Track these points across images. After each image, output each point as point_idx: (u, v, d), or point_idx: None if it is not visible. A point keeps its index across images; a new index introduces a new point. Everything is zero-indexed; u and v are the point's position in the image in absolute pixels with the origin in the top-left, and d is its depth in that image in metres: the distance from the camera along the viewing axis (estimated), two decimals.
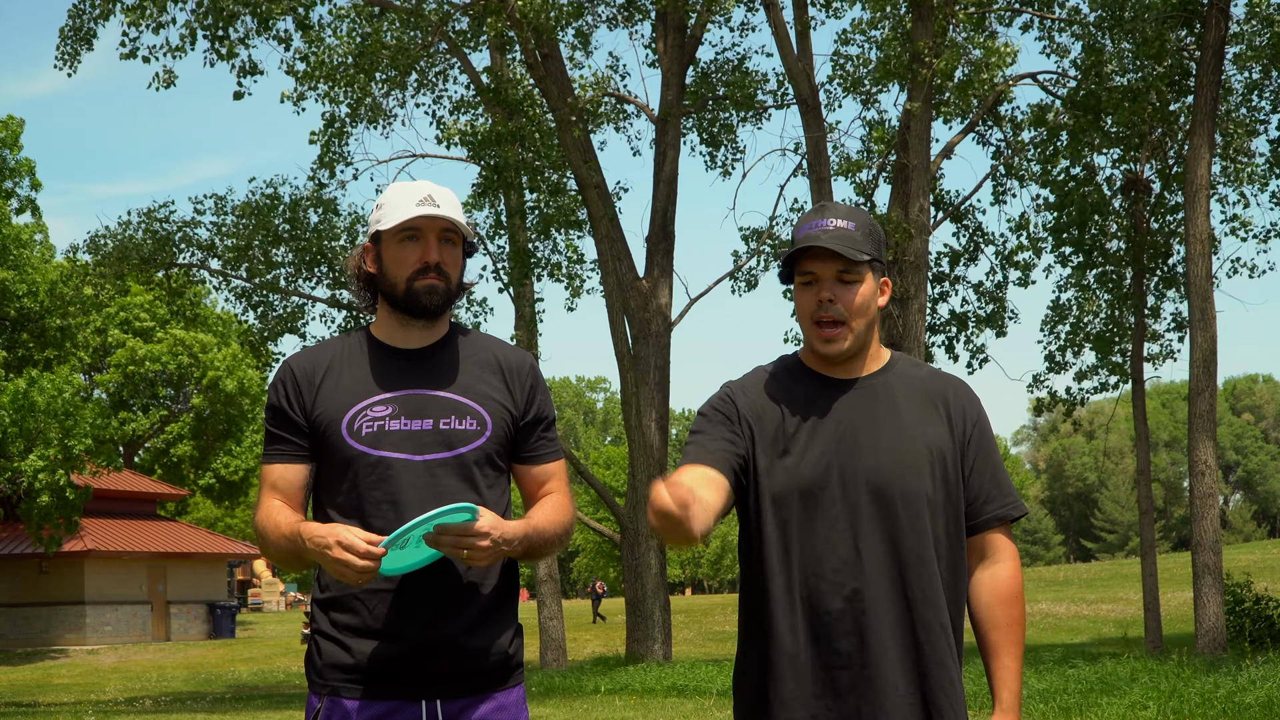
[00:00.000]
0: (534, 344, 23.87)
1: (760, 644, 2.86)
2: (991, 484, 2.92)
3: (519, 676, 3.13)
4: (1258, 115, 23.23)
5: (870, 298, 2.91)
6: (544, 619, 24.45)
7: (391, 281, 3.09)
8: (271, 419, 3.12)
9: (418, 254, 3.07)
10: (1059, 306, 24.90)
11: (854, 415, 2.88)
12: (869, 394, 2.91)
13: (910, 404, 2.91)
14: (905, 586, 2.81)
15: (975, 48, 19.68)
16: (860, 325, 2.89)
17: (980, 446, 2.93)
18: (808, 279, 2.90)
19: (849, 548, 2.81)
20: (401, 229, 3.07)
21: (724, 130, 24.91)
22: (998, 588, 2.91)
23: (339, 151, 23.67)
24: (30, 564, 38.04)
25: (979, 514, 2.91)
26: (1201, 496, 18.61)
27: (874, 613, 2.79)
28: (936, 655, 2.81)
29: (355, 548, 2.80)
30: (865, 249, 2.87)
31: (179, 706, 20.74)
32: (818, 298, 2.88)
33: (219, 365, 43.48)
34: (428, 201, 3.06)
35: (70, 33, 21.96)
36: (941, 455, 2.87)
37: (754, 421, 2.89)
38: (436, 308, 3.08)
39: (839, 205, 2.95)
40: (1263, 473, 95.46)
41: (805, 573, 2.82)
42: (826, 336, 2.87)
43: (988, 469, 2.92)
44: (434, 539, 2.84)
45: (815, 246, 2.85)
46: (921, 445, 2.86)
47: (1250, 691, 12.39)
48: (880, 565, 2.80)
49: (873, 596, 2.80)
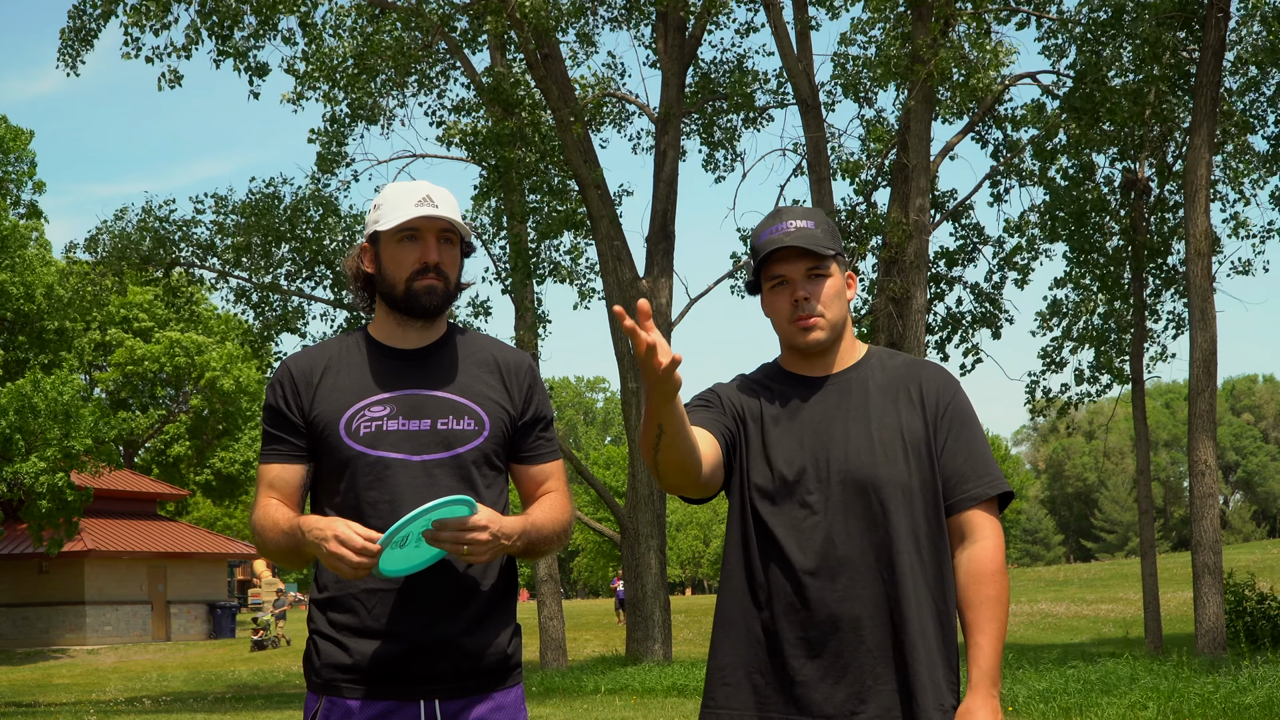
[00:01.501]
0: (535, 345, 23.86)
1: (736, 633, 2.90)
2: (967, 464, 2.90)
3: (518, 676, 3.13)
4: (1257, 115, 23.23)
5: (839, 290, 2.97)
6: (544, 619, 24.44)
7: (390, 282, 3.10)
8: (269, 419, 3.13)
9: (416, 254, 3.07)
10: (1055, 304, 24.91)
11: (827, 409, 2.92)
12: (842, 388, 2.95)
13: (883, 393, 2.93)
14: (883, 574, 2.83)
15: (973, 48, 19.68)
16: (835, 316, 2.95)
17: (955, 426, 2.92)
18: (777, 282, 2.95)
19: (826, 538, 2.84)
20: (401, 229, 3.07)
21: (724, 131, 24.92)
22: (973, 567, 2.90)
23: (338, 151, 23.69)
24: (30, 564, 38.04)
25: (955, 494, 2.89)
26: (1201, 496, 18.61)
27: (852, 602, 2.82)
28: (916, 640, 2.81)
29: (351, 542, 2.81)
30: (828, 244, 2.93)
31: (179, 706, 20.75)
32: (793, 298, 2.93)
33: (215, 365, 43.50)
34: (426, 202, 3.07)
35: (71, 33, 21.98)
36: (915, 440, 2.89)
37: (737, 415, 2.96)
38: (435, 308, 3.09)
39: (794, 208, 3.02)
40: (1262, 473, 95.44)
41: (785, 565, 2.85)
42: (804, 326, 2.92)
43: (963, 449, 2.91)
44: (433, 535, 2.84)
45: (783, 248, 2.90)
46: (894, 432, 2.88)
47: (1250, 691, 12.39)
48: (858, 554, 2.83)
49: (850, 585, 2.82)
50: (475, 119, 23.60)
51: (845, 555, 2.83)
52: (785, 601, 2.85)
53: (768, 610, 2.87)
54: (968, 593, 2.89)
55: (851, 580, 2.82)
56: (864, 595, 2.82)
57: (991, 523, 2.93)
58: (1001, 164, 24.61)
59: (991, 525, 2.93)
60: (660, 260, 22.35)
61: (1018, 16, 23.74)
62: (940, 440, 2.90)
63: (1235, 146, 23.13)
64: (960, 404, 2.95)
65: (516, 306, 24.17)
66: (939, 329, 24.74)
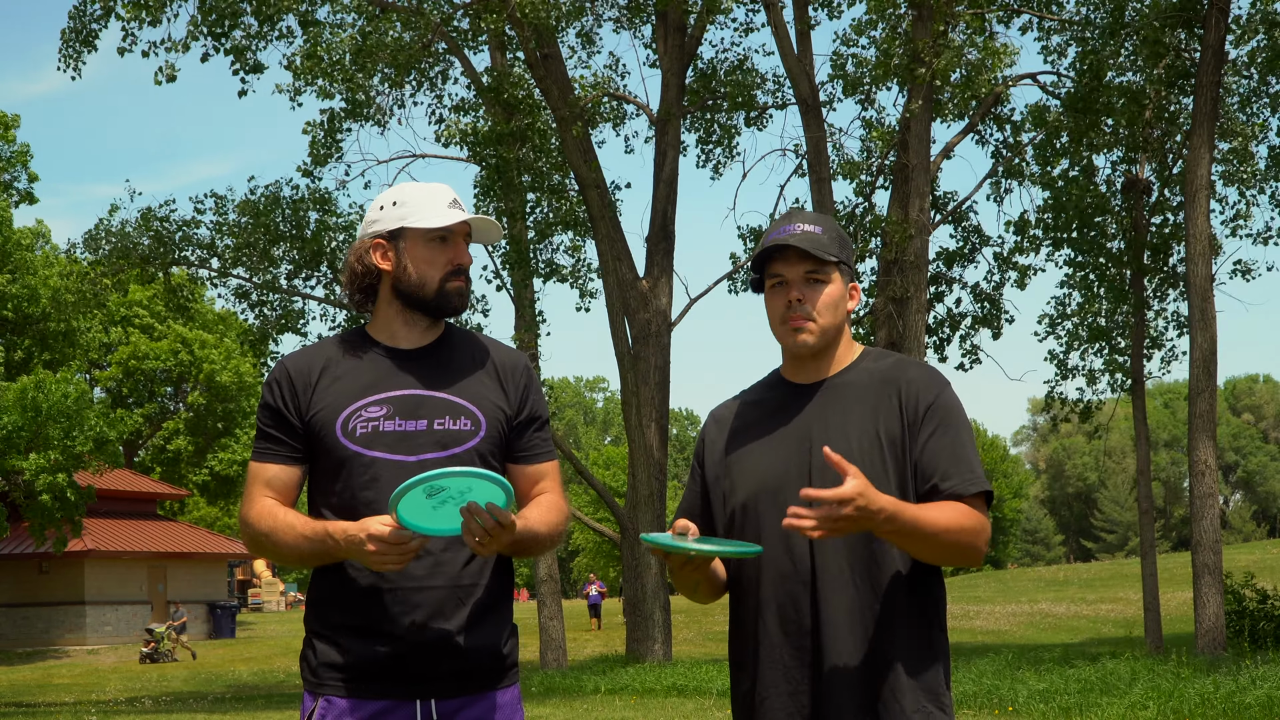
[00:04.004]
0: (535, 345, 23.86)
1: (742, 641, 2.96)
2: (949, 462, 2.84)
3: (514, 676, 3.13)
4: (1260, 123, 23.22)
5: (839, 299, 2.95)
6: (544, 619, 24.44)
7: (418, 281, 3.10)
8: (265, 418, 3.12)
9: (449, 255, 3.11)
10: (1060, 305, 24.91)
11: (812, 415, 2.93)
12: (829, 393, 2.95)
13: (866, 395, 2.92)
14: (859, 578, 2.84)
15: (973, 48, 19.69)
16: (827, 323, 2.93)
17: (935, 424, 2.87)
18: (776, 281, 2.96)
19: (806, 543, 2.85)
20: (439, 231, 3.10)
21: (724, 131, 24.91)
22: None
23: (332, 146, 23.67)
24: (30, 564, 38.05)
25: (936, 493, 2.84)
26: (1201, 496, 18.61)
27: (829, 608, 2.83)
28: (890, 649, 2.81)
29: (387, 537, 2.82)
30: (832, 251, 2.93)
31: (179, 706, 20.75)
32: (787, 298, 2.93)
33: (215, 360, 43.49)
34: (457, 204, 3.12)
35: (71, 34, 21.98)
36: (893, 442, 2.87)
37: (711, 453, 3.06)
38: (462, 309, 3.15)
39: (806, 211, 3.02)
40: (1262, 473, 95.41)
41: (774, 572, 2.88)
42: (795, 326, 2.92)
43: (944, 447, 2.85)
44: (469, 512, 2.80)
45: (783, 247, 2.92)
46: (871, 436, 2.87)
47: (1250, 691, 12.39)
48: (835, 559, 2.84)
49: (830, 589, 2.83)
50: (475, 119, 23.60)
51: (821, 560, 2.84)
52: (775, 611, 2.87)
53: (760, 619, 2.90)
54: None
55: (830, 584, 2.83)
56: (838, 599, 2.82)
57: (976, 517, 2.84)
58: (1002, 164, 24.61)
59: (976, 519, 2.85)
60: (660, 260, 22.35)
61: (1020, 19, 23.75)
62: (920, 439, 2.87)
63: (1236, 147, 23.10)
64: (945, 401, 2.90)
65: (516, 306, 24.17)
66: (936, 330, 24.74)
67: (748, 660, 2.92)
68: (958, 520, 2.79)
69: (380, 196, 3.19)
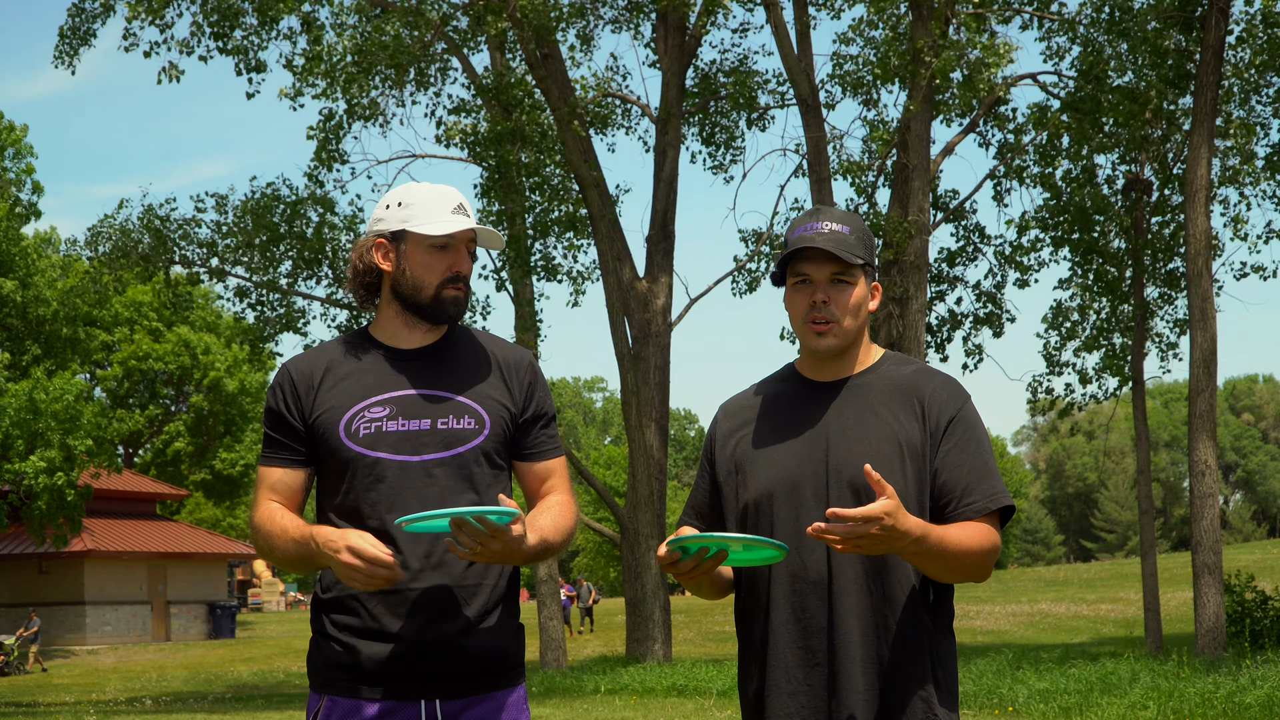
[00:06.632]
0: (535, 345, 23.86)
1: (750, 641, 2.94)
2: (971, 476, 2.85)
3: (520, 676, 3.12)
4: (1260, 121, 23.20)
5: (862, 300, 2.94)
6: (544, 619, 24.44)
7: (417, 285, 3.09)
8: (270, 422, 3.13)
9: (448, 262, 3.09)
10: (1060, 307, 24.89)
11: (831, 415, 2.91)
12: (850, 394, 2.94)
13: (888, 400, 2.91)
14: (872, 582, 2.83)
15: (973, 47, 19.68)
16: (851, 325, 2.92)
17: (957, 438, 2.87)
18: (800, 280, 2.93)
19: (819, 544, 2.82)
20: (442, 238, 3.07)
21: (724, 132, 24.90)
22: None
23: (336, 149, 23.66)
24: (30, 564, 38.06)
25: (956, 506, 2.84)
26: (1201, 496, 18.61)
27: (841, 610, 2.82)
28: (900, 652, 2.81)
29: (364, 553, 2.81)
30: (859, 252, 2.91)
31: (179, 706, 20.76)
32: (811, 299, 2.91)
33: (220, 366, 43.44)
34: (461, 210, 3.09)
35: (69, 32, 21.98)
36: (913, 450, 2.86)
37: (722, 448, 3.02)
38: (458, 317, 3.13)
39: (834, 209, 2.99)
40: (1262, 473, 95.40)
41: (785, 572, 2.86)
42: (819, 330, 2.91)
43: (966, 461, 2.85)
44: (457, 527, 2.81)
45: (810, 248, 2.88)
46: (891, 441, 2.86)
47: (1250, 691, 12.39)
48: (848, 561, 2.82)
49: (841, 591, 2.82)
50: (475, 119, 23.59)
51: (835, 565, 2.82)
52: (786, 611, 2.85)
53: (770, 619, 2.88)
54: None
55: (843, 585, 2.82)
56: (851, 601, 2.81)
57: (990, 533, 2.87)
58: (1003, 165, 24.60)
59: (990, 536, 2.88)
60: (660, 260, 22.35)
61: (1020, 19, 23.74)
62: (941, 453, 2.86)
63: (1236, 146, 23.09)
64: (966, 415, 2.90)
65: (516, 306, 24.17)
66: (937, 330, 24.73)
67: (756, 660, 2.91)
68: (979, 542, 2.80)
69: (388, 194, 3.18)
